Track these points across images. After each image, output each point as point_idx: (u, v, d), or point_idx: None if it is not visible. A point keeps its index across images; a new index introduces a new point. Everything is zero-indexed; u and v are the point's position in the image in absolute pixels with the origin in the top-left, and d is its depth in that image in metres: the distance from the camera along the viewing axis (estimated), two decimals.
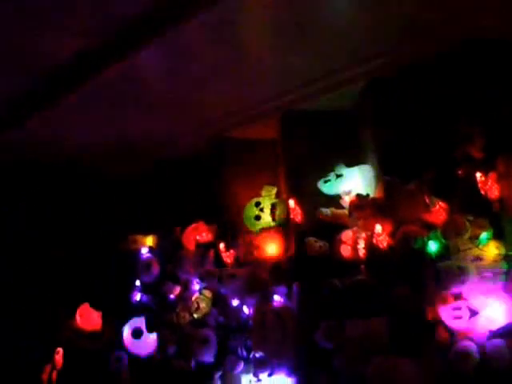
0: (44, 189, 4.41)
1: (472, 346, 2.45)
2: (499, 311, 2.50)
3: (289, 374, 3.16)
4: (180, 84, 3.47)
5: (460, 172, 2.73)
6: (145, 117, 3.83)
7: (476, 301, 2.54)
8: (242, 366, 3.30)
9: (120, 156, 4.26)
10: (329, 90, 3.45)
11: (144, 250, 4.02)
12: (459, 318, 2.53)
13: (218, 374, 3.36)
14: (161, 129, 4.01)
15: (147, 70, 3.34)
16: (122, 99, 3.58)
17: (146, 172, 4.40)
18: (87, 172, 4.49)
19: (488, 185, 2.63)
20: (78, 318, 4.05)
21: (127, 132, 4.01)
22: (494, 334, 2.47)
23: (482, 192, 2.63)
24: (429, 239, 2.74)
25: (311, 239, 3.18)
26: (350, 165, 3.28)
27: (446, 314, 2.56)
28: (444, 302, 2.58)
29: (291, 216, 3.38)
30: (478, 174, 2.64)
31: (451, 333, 2.59)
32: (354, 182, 3.19)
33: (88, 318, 4.07)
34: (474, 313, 2.51)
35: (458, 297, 2.57)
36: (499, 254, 2.57)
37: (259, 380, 3.22)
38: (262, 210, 3.50)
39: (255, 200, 3.55)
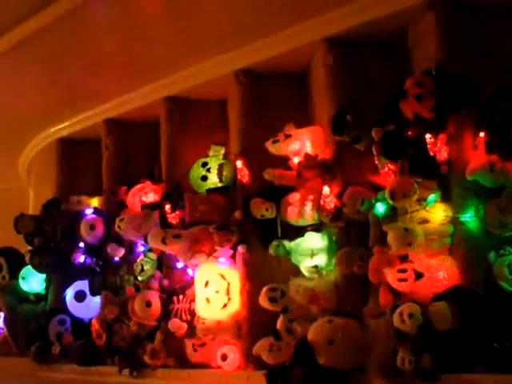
0: None
1: (416, 308, 2.40)
2: (444, 274, 2.46)
3: (233, 338, 3.11)
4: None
5: (410, 133, 2.66)
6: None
7: (421, 263, 2.49)
8: (185, 329, 3.22)
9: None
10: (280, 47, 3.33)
11: (88, 211, 3.90)
12: (404, 280, 2.48)
13: (161, 338, 3.26)
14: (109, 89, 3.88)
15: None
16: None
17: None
18: None
19: (437, 146, 2.57)
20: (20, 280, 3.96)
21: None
22: (438, 297, 2.42)
23: (431, 153, 2.57)
24: (376, 201, 2.69)
25: (258, 200, 3.10)
26: (299, 125, 3.16)
27: (392, 276, 2.52)
28: (390, 264, 2.54)
29: (238, 177, 3.30)
30: (428, 136, 2.58)
31: (395, 295, 2.55)
32: (302, 143, 3.08)
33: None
34: (419, 275, 2.47)
35: (403, 259, 2.52)
36: (446, 217, 2.53)
37: (202, 343, 3.16)
38: (208, 170, 3.41)
39: (202, 160, 3.46)
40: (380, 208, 2.66)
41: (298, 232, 2.99)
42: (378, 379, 2.44)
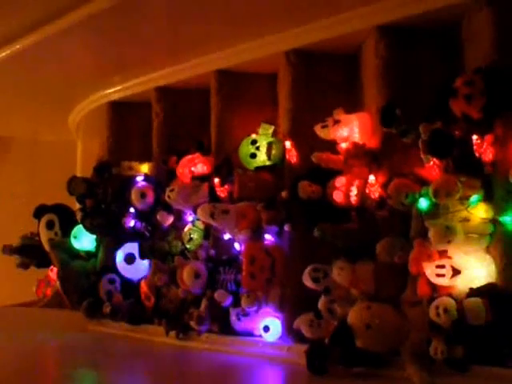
0: None
1: (451, 303, 2.54)
2: (481, 272, 2.59)
3: (275, 311, 3.30)
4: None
5: (457, 131, 2.73)
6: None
7: (460, 260, 2.61)
8: (230, 299, 3.41)
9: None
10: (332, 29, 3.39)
11: (139, 178, 4.07)
12: (442, 275, 2.61)
13: (206, 305, 3.47)
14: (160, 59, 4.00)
15: None
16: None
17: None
18: None
19: (483, 147, 2.64)
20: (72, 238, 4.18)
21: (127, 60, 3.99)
22: (473, 293, 2.55)
23: (477, 154, 2.65)
24: (420, 196, 2.79)
25: (305, 182, 3.22)
26: (348, 109, 3.25)
27: (430, 270, 2.65)
28: (429, 258, 2.67)
29: (287, 157, 3.42)
30: (475, 137, 2.65)
31: (433, 287, 2.69)
32: (351, 130, 3.18)
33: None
34: (456, 272, 2.59)
35: (442, 255, 2.65)
36: (487, 217, 2.63)
37: (246, 314, 3.35)
38: (257, 148, 3.52)
39: (252, 137, 3.57)
40: (423, 203, 2.76)
41: (343, 216, 3.10)
42: (412, 365, 2.59)
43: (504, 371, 2.44)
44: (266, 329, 3.25)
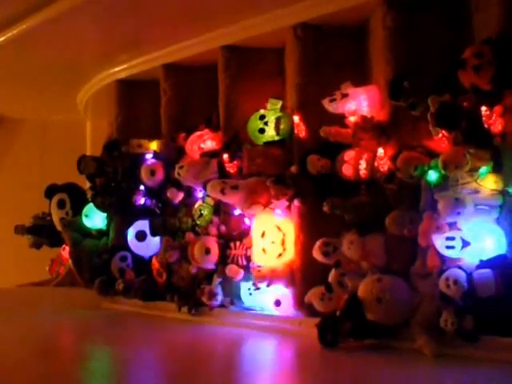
0: None
1: (461, 274, 2.55)
2: (491, 244, 2.59)
3: (287, 285, 3.32)
4: None
5: (465, 103, 2.72)
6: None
7: (470, 232, 2.62)
8: (241, 274, 3.44)
9: None
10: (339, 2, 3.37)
11: (149, 155, 4.08)
12: (452, 247, 2.62)
13: (218, 281, 3.50)
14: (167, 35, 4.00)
15: None
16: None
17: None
18: None
19: (492, 118, 2.63)
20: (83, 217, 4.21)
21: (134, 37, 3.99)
22: (483, 265, 2.55)
23: (486, 125, 2.64)
24: (429, 168, 2.79)
25: (313, 156, 3.22)
26: (356, 82, 3.24)
27: (440, 242, 2.66)
28: (439, 230, 2.67)
29: (295, 132, 3.42)
30: (484, 108, 2.64)
31: (442, 259, 2.69)
32: (359, 103, 3.17)
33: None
34: (466, 243, 2.60)
35: (452, 227, 2.65)
36: (496, 189, 2.62)
37: (257, 288, 3.38)
38: (266, 123, 3.52)
39: (260, 113, 3.56)
40: (432, 175, 2.76)
41: (353, 189, 3.10)
42: (422, 336, 2.61)
43: None
44: (278, 303, 3.27)
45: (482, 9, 2.95)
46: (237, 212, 3.58)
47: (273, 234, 3.33)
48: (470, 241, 2.61)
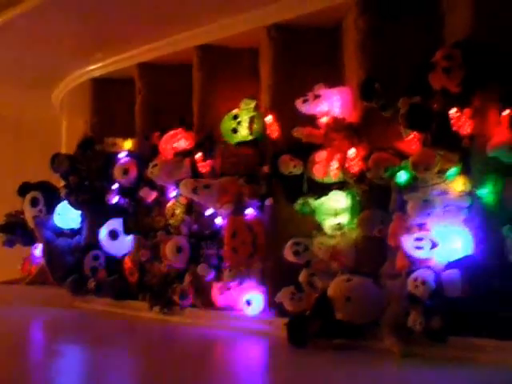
0: None
1: (430, 275, 2.57)
2: (459, 245, 2.62)
3: (258, 285, 3.33)
4: None
5: (435, 105, 2.74)
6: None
7: (438, 233, 2.64)
8: (213, 274, 3.43)
9: None
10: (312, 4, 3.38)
11: (122, 154, 4.06)
12: (421, 248, 2.64)
13: (189, 280, 3.49)
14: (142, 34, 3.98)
15: None
16: None
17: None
18: None
19: (461, 120, 2.65)
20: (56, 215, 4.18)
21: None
22: (451, 265, 2.58)
23: (455, 128, 2.66)
24: (399, 169, 2.81)
25: (286, 157, 3.23)
26: (329, 83, 3.25)
27: (409, 243, 2.68)
28: (408, 231, 2.69)
29: (268, 132, 3.42)
30: (453, 110, 2.66)
31: (411, 260, 2.71)
32: (331, 104, 3.18)
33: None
34: (434, 244, 2.62)
35: (421, 228, 2.67)
36: (465, 190, 2.64)
37: (229, 288, 3.38)
38: (239, 123, 3.51)
39: (233, 113, 3.56)
40: (402, 177, 2.79)
41: (324, 189, 3.12)
42: (390, 336, 2.63)
43: (478, 341, 2.47)
44: (249, 303, 3.27)
45: (452, 12, 2.97)
46: (209, 211, 3.57)
47: (244, 233, 3.32)
48: (438, 242, 2.62)
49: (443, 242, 2.63)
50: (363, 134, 3.07)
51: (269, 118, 3.40)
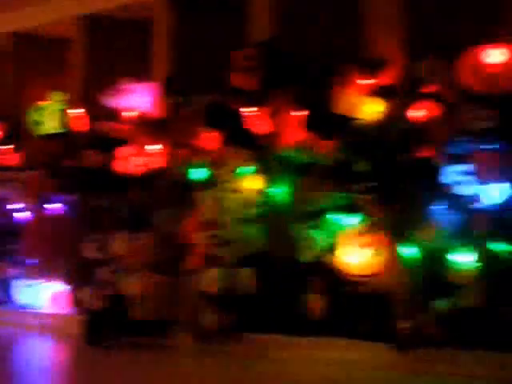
0: None
1: (222, 272, 2.60)
2: (252, 241, 2.66)
3: (63, 282, 3.22)
4: None
5: (233, 104, 2.78)
6: None
7: (232, 230, 2.67)
8: (15, 271, 3.28)
9: None
10: None
11: None
12: (213, 244, 2.66)
13: None
14: None
15: None
16: None
17: None
18: None
19: (258, 120, 2.70)
20: None
21: None
22: (245, 262, 2.62)
23: (251, 126, 2.71)
24: (196, 166, 2.82)
25: (89, 151, 3.16)
26: (137, 79, 3.21)
27: (202, 240, 2.69)
28: (201, 228, 2.70)
29: (74, 125, 3.33)
30: (250, 109, 2.70)
31: (206, 257, 2.72)
32: (138, 98, 3.15)
33: None
34: (226, 242, 2.65)
35: (214, 225, 2.69)
36: (258, 188, 2.69)
37: (31, 285, 3.24)
38: (46, 115, 3.40)
39: (40, 105, 3.44)
40: (198, 173, 2.79)
41: (125, 185, 3.07)
42: (185, 334, 2.64)
43: (268, 337, 2.53)
44: (53, 300, 3.16)
45: (255, 15, 3.03)
46: (12, 206, 3.40)
47: (47, 229, 3.21)
48: (229, 239, 2.65)
49: (238, 239, 2.66)
50: (164, 130, 3.04)
51: (77, 111, 3.30)
